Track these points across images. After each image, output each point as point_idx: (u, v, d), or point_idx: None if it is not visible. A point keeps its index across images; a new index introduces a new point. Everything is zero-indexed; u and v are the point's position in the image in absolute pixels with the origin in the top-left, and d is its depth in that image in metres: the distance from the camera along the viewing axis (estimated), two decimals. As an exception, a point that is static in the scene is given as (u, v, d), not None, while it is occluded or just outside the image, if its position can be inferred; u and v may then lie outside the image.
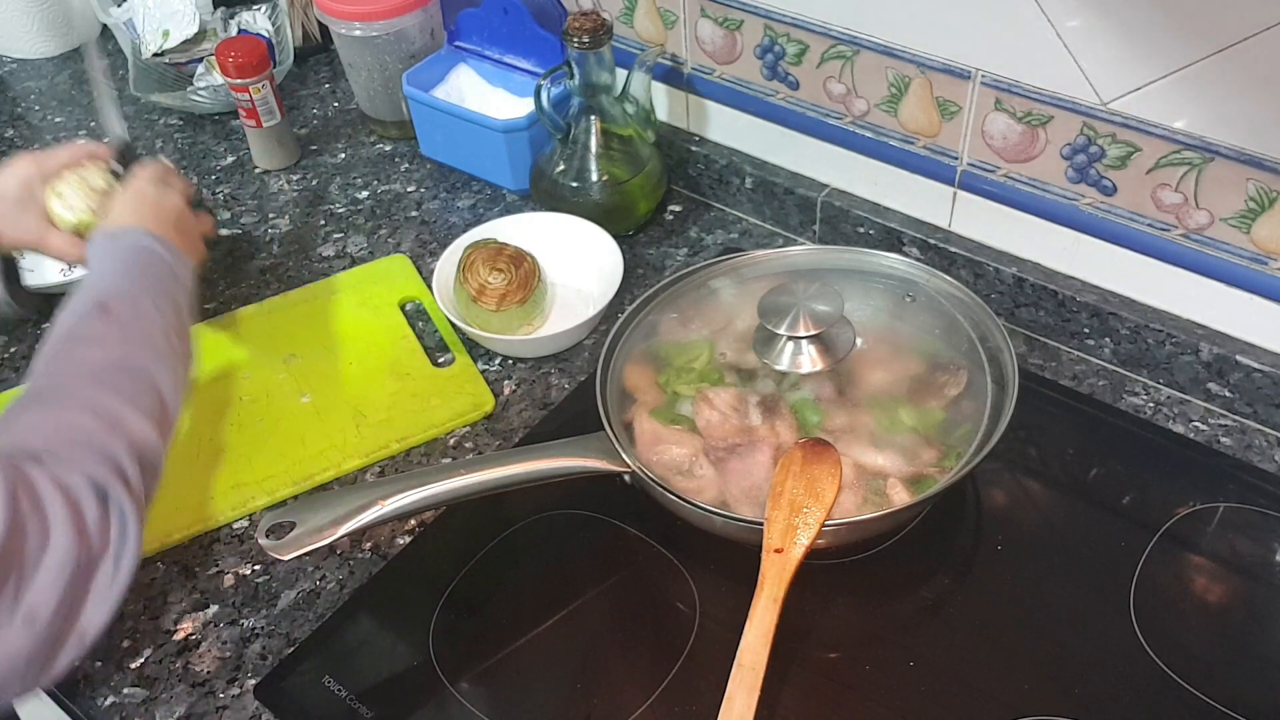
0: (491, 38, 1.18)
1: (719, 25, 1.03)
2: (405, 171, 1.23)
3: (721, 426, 0.82)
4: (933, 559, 0.81)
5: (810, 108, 1.02)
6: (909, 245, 1.01)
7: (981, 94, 0.90)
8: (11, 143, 1.31)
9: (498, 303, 0.96)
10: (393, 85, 1.21)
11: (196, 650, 0.79)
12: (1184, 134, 0.81)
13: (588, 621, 0.79)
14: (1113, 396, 0.92)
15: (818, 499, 0.75)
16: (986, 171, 0.94)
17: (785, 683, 0.73)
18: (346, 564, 0.84)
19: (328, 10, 1.18)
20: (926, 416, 0.82)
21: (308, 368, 0.98)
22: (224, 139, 1.29)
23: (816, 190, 1.06)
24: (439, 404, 0.94)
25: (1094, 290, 0.93)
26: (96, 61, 1.08)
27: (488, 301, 0.95)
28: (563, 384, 0.97)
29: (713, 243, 1.11)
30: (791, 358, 0.84)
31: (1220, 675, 0.73)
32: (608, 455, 0.80)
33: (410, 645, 0.78)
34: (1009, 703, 0.72)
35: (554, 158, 1.08)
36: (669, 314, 0.91)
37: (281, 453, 0.91)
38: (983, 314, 0.86)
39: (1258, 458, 0.87)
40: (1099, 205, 0.89)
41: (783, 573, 0.72)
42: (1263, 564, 0.79)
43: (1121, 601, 0.77)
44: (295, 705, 0.75)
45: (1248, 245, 0.84)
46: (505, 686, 0.75)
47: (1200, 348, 0.88)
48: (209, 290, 1.09)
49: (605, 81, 1.04)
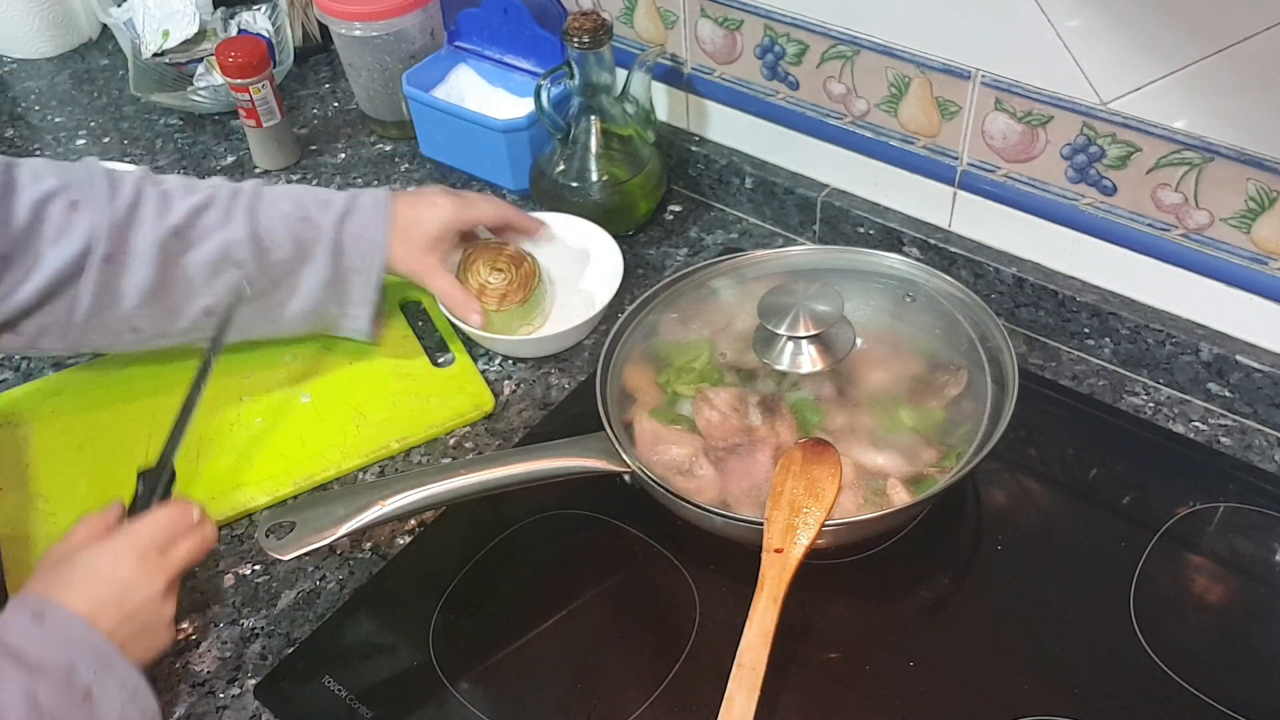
0: (491, 38, 1.18)
1: (719, 25, 1.03)
2: (405, 171, 1.23)
3: (721, 426, 0.82)
4: (933, 559, 0.81)
5: (810, 108, 1.02)
6: (909, 245, 1.01)
7: (981, 94, 0.90)
8: (11, 143, 1.31)
9: (498, 302, 0.96)
10: (393, 85, 1.21)
11: (196, 650, 0.79)
12: (1184, 134, 0.81)
13: (588, 621, 0.79)
14: (1113, 396, 0.92)
15: (818, 499, 0.75)
16: (986, 171, 0.94)
17: (785, 683, 0.73)
18: (346, 564, 0.84)
19: (328, 10, 1.18)
20: (926, 416, 0.82)
21: (308, 368, 0.98)
22: (224, 139, 1.29)
23: (816, 190, 1.06)
24: (439, 404, 0.94)
25: (1094, 290, 0.93)
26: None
27: (488, 301, 0.95)
28: (563, 384, 0.97)
29: (713, 243, 1.11)
30: (791, 358, 0.84)
31: (1220, 675, 0.73)
32: (608, 455, 0.80)
33: (410, 645, 0.78)
34: (1009, 703, 0.72)
35: (554, 158, 1.08)
36: (669, 314, 0.92)
37: (281, 453, 0.91)
38: (983, 314, 0.86)
39: (1258, 458, 0.87)
40: (1099, 205, 0.89)
41: (783, 573, 0.72)
42: (1263, 564, 0.79)
43: (1121, 601, 0.77)
44: (295, 705, 0.75)
45: (1248, 245, 0.84)
46: (505, 686, 0.75)
47: (1200, 348, 0.88)
48: (209, 290, 1.09)
49: (605, 81, 1.04)
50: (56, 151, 1.29)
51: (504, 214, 0.98)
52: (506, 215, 0.99)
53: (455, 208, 0.94)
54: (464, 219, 0.95)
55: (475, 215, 0.96)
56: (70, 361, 1.01)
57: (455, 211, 0.94)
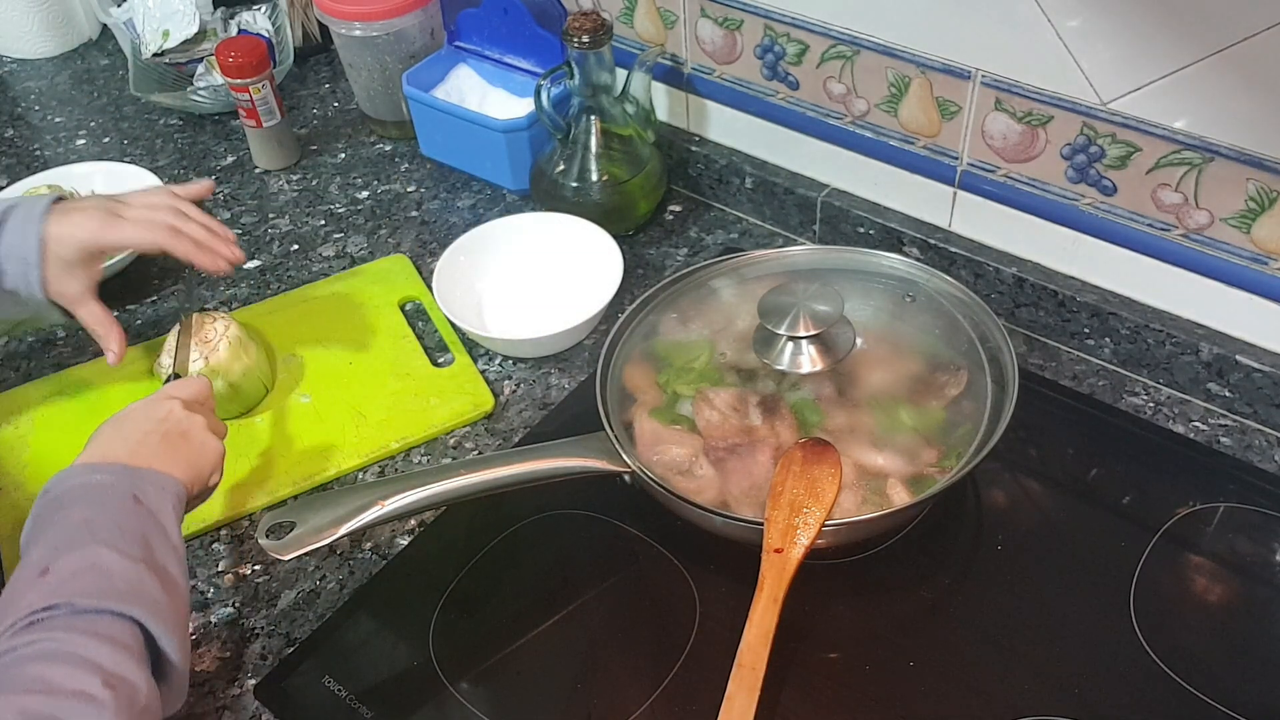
0: (491, 38, 1.18)
1: (719, 25, 1.03)
2: (405, 171, 1.23)
3: (721, 426, 0.82)
4: (933, 559, 0.81)
5: (810, 108, 1.02)
6: (909, 245, 1.01)
7: (981, 94, 0.90)
8: (11, 143, 1.31)
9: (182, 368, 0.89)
10: (393, 85, 1.21)
11: (196, 650, 0.79)
12: (1184, 134, 0.81)
13: (588, 621, 0.79)
14: (1113, 396, 0.92)
15: (818, 499, 0.75)
16: (986, 171, 0.94)
17: (785, 683, 0.73)
18: (346, 564, 0.84)
19: (328, 10, 1.18)
20: (926, 416, 0.82)
21: (307, 368, 0.98)
22: (224, 139, 1.29)
23: (816, 190, 1.06)
24: (439, 404, 0.94)
25: (1094, 290, 0.93)
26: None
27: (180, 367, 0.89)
28: (563, 384, 0.97)
29: (713, 243, 1.11)
30: (791, 358, 0.84)
31: (1220, 675, 0.73)
32: (608, 455, 0.80)
33: (410, 645, 0.78)
34: (1009, 703, 0.72)
35: (554, 158, 1.08)
36: (669, 314, 0.92)
37: (281, 453, 0.91)
38: (983, 314, 0.86)
39: (1258, 458, 0.87)
40: (1099, 205, 0.89)
41: (783, 573, 0.72)
42: (1263, 564, 0.79)
43: (1121, 601, 0.77)
44: (295, 705, 0.75)
45: (1248, 245, 0.84)
46: (505, 686, 0.75)
47: (1200, 348, 0.88)
48: (210, 290, 1.09)
49: (605, 81, 1.04)
50: (56, 151, 1.29)
51: (155, 240, 0.86)
52: (159, 242, 0.86)
53: (97, 227, 0.84)
54: (106, 241, 0.84)
55: (120, 238, 0.85)
56: (70, 361, 1.01)
57: (95, 233, 0.84)
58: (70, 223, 0.84)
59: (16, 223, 0.83)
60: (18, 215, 0.84)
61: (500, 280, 1.04)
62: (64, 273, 0.84)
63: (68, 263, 0.84)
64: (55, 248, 0.83)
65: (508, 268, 1.05)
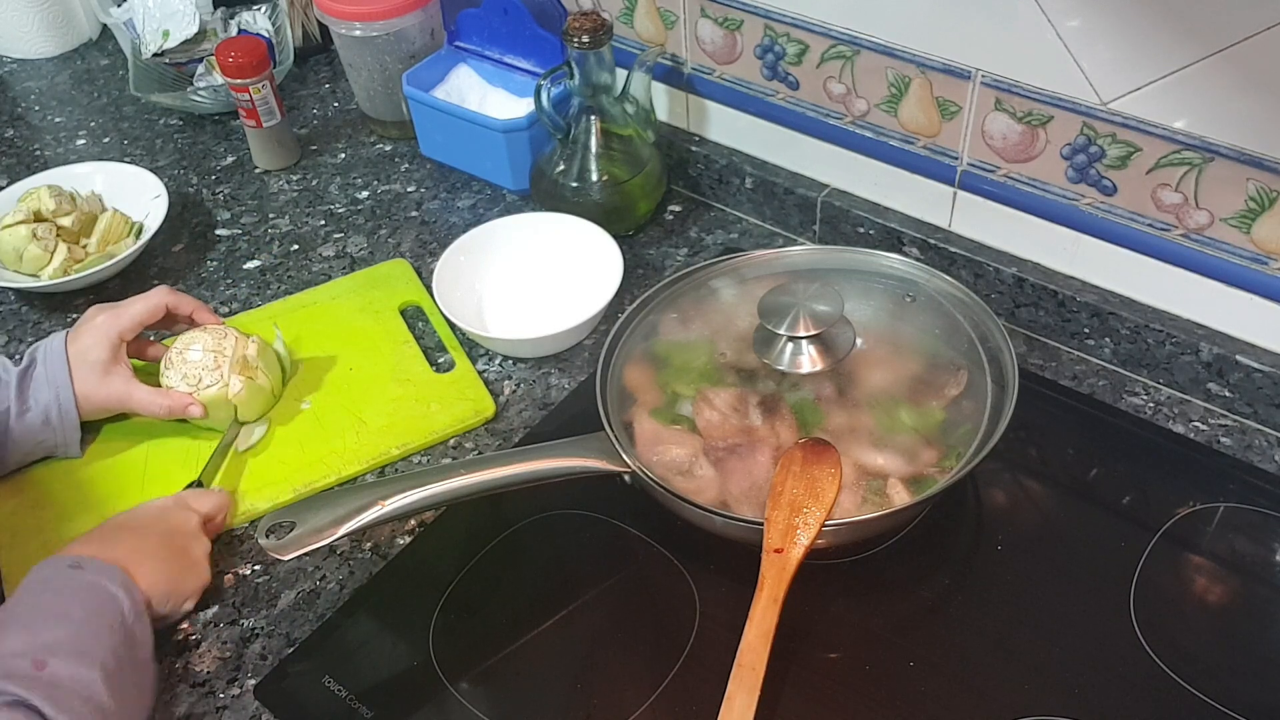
0: (491, 38, 1.18)
1: (719, 25, 1.03)
2: (405, 171, 1.23)
3: (721, 427, 0.82)
4: (933, 559, 0.81)
5: (810, 108, 1.02)
6: (909, 245, 1.01)
7: (981, 94, 0.90)
8: (11, 143, 1.31)
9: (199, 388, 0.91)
10: (393, 85, 1.21)
11: (196, 650, 0.79)
12: (1184, 134, 0.81)
13: (588, 621, 0.79)
14: (1113, 396, 0.92)
15: (818, 499, 0.75)
16: (986, 171, 0.94)
17: (785, 683, 0.73)
18: (346, 564, 0.84)
19: (328, 10, 1.18)
20: (926, 416, 0.82)
21: (307, 373, 0.98)
22: (224, 139, 1.30)
23: (816, 190, 1.06)
24: (439, 410, 0.94)
25: (1094, 290, 0.93)
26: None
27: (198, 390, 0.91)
28: (563, 384, 0.97)
29: (713, 243, 1.11)
30: (791, 358, 0.84)
31: (1220, 675, 0.73)
32: (608, 455, 0.80)
33: (410, 645, 0.78)
34: (1009, 703, 0.72)
35: (554, 158, 1.08)
36: (669, 314, 0.92)
37: (281, 459, 0.91)
38: (983, 314, 0.86)
39: (1258, 458, 0.87)
40: (1099, 205, 0.89)
41: (783, 573, 0.72)
42: (1263, 564, 0.79)
43: (1121, 601, 0.77)
44: (295, 705, 0.75)
45: (1248, 245, 0.84)
46: (505, 686, 0.75)
47: (1200, 348, 0.88)
48: (210, 291, 1.09)
49: (605, 81, 1.04)
50: (56, 151, 1.29)
51: (155, 305, 0.93)
52: (159, 305, 0.93)
53: (108, 321, 0.91)
54: (120, 328, 0.91)
55: (130, 319, 0.92)
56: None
57: (107, 325, 0.91)
58: (84, 332, 0.91)
59: (44, 356, 0.90)
60: (39, 354, 0.90)
61: (500, 280, 1.04)
62: (98, 380, 0.89)
63: (96, 372, 0.89)
64: (79, 364, 0.89)
65: (508, 268, 1.05)
